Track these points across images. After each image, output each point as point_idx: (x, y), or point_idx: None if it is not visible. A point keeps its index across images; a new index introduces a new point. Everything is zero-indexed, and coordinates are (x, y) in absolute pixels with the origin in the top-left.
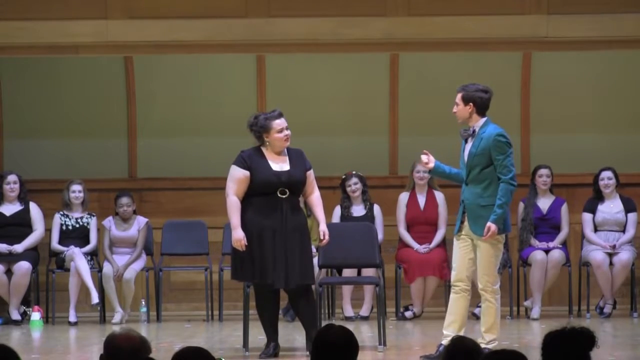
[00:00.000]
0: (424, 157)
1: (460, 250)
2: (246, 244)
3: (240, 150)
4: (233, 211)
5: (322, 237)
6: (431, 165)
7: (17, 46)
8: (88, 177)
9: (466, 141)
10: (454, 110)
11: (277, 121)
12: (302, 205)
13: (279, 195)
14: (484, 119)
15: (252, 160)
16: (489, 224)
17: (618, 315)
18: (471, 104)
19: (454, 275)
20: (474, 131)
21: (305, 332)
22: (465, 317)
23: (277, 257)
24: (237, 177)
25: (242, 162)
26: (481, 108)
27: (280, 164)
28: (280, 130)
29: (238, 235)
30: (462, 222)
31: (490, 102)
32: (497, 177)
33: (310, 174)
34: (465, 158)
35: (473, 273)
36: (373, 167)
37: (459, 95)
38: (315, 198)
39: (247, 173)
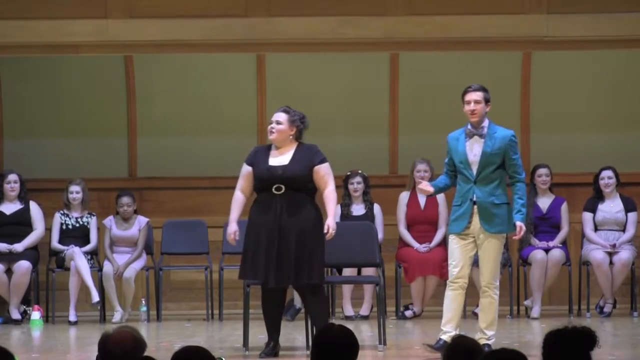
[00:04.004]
0: (423, 187)
1: (462, 247)
2: (237, 238)
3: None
4: (232, 205)
5: (325, 231)
6: (431, 189)
7: (17, 46)
8: (88, 177)
9: (465, 140)
10: (475, 108)
11: (274, 114)
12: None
13: (274, 191)
14: (487, 120)
15: (257, 155)
16: (519, 223)
17: (618, 314)
18: (488, 104)
19: (455, 271)
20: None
21: (314, 330)
22: (461, 314)
23: (270, 256)
24: (242, 173)
25: (248, 158)
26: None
27: (279, 159)
28: (270, 122)
29: (229, 229)
30: (469, 222)
31: None
32: (504, 176)
33: (321, 169)
34: (476, 157)
35: (472, 271)
36: (373, 166)
37: (481, 95)
38: (328, 192)
39: (249, 169)
